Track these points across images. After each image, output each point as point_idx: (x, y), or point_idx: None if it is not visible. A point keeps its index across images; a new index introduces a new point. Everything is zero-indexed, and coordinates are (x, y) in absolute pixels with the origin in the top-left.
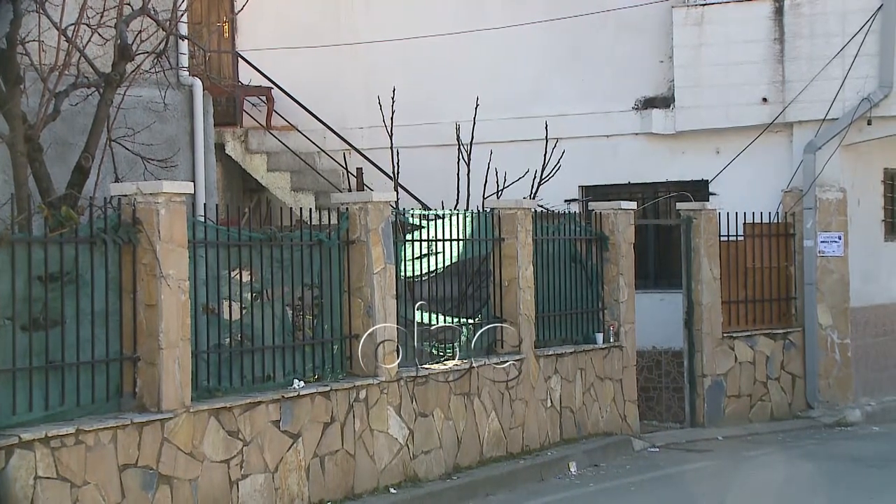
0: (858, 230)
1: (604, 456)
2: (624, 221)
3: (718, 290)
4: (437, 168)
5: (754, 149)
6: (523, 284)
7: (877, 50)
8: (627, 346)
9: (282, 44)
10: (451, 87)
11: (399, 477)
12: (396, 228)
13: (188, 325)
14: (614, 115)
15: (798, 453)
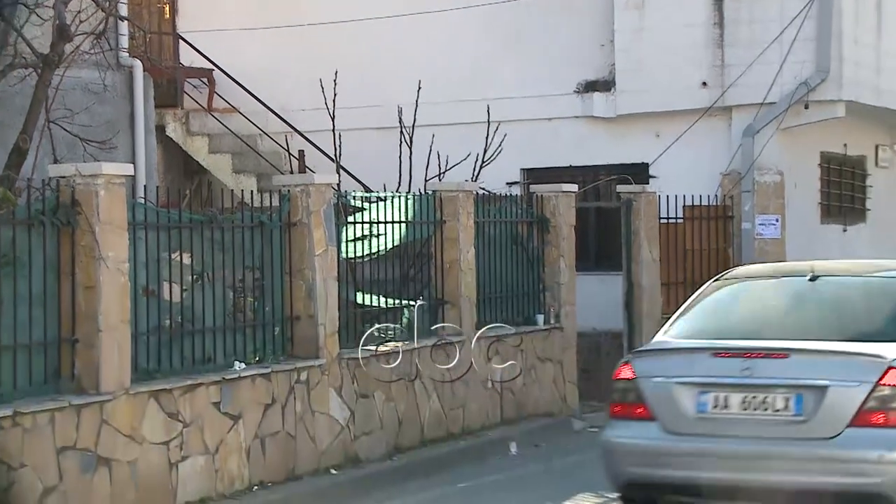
0: (795, 213)
1: (544, 436)
2: (565, 204)
3: (658, 271)
4: (379, 151)
5: (694, 132)
6: (465, 267)
7: (814, 35)
8: (568, 327)
9: (223, 25)
10: (394, 70)
11: (340, 458)
12: (338, 211)
13: (127, 307)
14: (556, 99)
15: None
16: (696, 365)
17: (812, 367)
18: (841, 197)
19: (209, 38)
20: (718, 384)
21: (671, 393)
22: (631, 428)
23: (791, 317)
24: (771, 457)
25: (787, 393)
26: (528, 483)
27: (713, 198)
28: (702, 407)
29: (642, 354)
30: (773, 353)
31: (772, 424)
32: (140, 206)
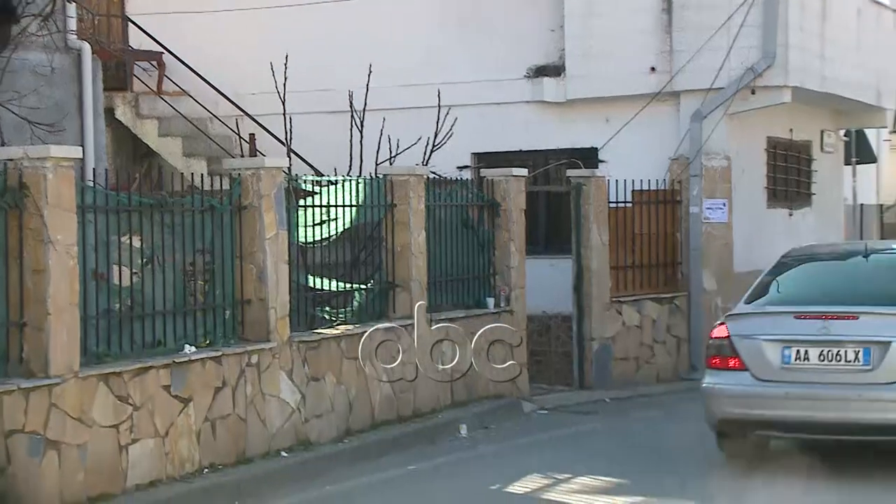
0: (742, 197)
1: (494, 418)
2: (515, 188)
3: (607, 255)
4: (330, 135)
5: (643, 117)
6: (415, 250)
7: (760, 21)
8: (518, 310)
9: (173, 8)
10: (345, 54)
11: (291, 441)
12: (289, 194)
13: (76, 290)
14: (506, 84)
15: (682, 414)
16: (780, 325)
17: (878, 326)
18: (787, 181)
19: (159, 21)
20: (800, 340)
21: (760, 348)
22: (726, 376)
23: (852, 286)
24: (843, 398)
25: (856, 347)
26: (477, 464)
27: (661, 182)
28: (786, 359)
29: (735, 317)
30: (846, 315)
31: (844, 373)
32: (89, 189)
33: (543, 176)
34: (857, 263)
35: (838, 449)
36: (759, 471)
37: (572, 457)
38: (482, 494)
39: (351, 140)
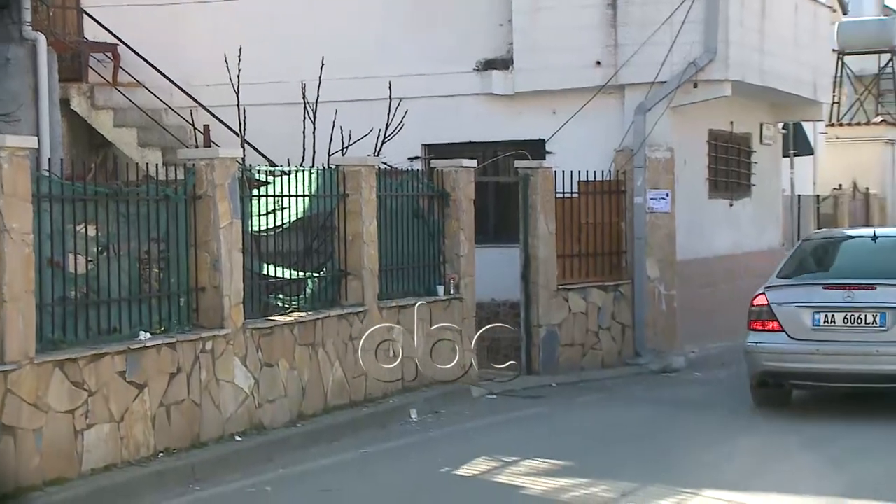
0: (685, 188)
1: (444, 403)
2: (465, 179)
3: (554, 244)
4: (283, 126)
5: (588, 110)
6: (367, 239)
7: (702, 17)
8: (467, 297)
9: (128, 0)
10: (298, 47)
11: (245, 425)
12: (243, 184)
13: (32, 278)
14: (456, 77)
15: (626, 398)
16: (811, 294)
17: (892, 295)
18: (728, 172)
19: (114, 12)
20: (828, 307)
21: (794, 313)
22: (766, 336)
23: (867, 263)
24: (864, 353)
25: (874, 312)
26: (427, 448)
27: (607, 173)
28: (816, 322)
29: (772, 288)
30: (866, 286)
31: (864, 332)
32: (45, 179)
33: (492, 167)
34: (867, 244)
35: (848, 399)
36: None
37: (520, 440)
38: (432, 477)
39: (304, 131)
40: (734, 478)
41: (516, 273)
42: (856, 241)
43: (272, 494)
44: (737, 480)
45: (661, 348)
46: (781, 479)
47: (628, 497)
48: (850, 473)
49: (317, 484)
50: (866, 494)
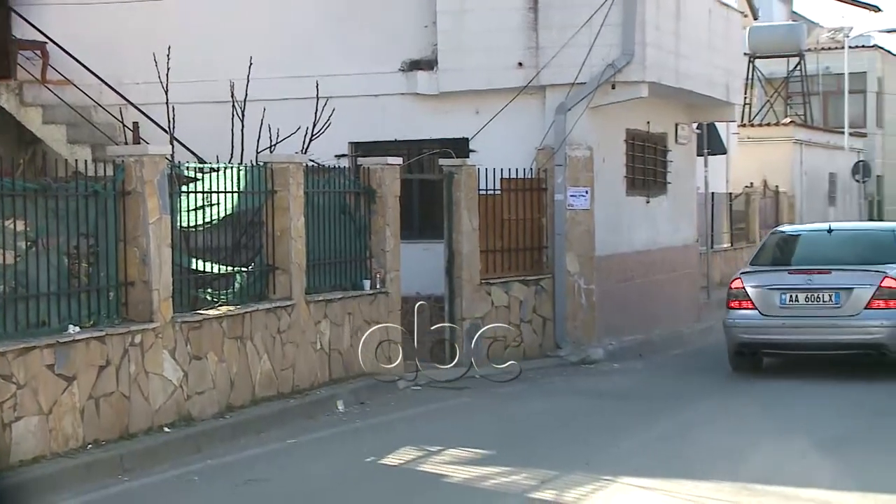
0: (603, 185)
1: (370, 394)
2: (390, 176)
3: (477, 240)
4: (212, 124)
5: (511, 109)
6: (295, 234)
7: (620, 20)
8: (393, 292)
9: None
10: (226, 46)
11: (173, 417)
12: (172, 181)
13: None
14: (382, 77)
15: (547, 389)
16: (778, 278)
17: (844, 278)
18: (644, 171)
19: (42, 10)
20: (792, 288)
21: (765, 293)
22: (741, 314)
23: (823, 252)
24: (821, 326)
25: (830, 292)
26: (353, 438)
27: (528, 171)
28: (783, 301)
29: (747, 273)
30: (823, 271)
31: (821, 309)
32: None
33: (417, 165)
34: (824, 237)
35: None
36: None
37: (444, 430)
38: (357, 466)
39: (232, 129)
40: (651, 464)
41: (441, 268)
42: (814, 234)
43: (199, 484)
44: (653, 467)
45: (580, 340)
46: (695, 466)
47: (548, 484)
48: (766, 456)
49: (244, 474)
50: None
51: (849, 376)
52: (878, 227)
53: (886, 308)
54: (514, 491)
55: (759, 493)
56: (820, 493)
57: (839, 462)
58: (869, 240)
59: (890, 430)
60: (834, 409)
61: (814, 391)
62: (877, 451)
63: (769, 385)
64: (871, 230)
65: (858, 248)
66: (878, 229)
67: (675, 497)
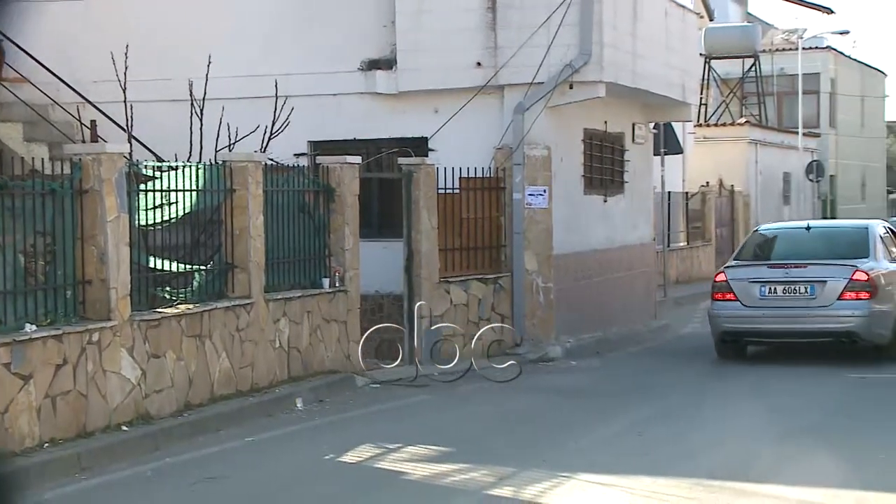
0: (561, 184)
1: (329, 392)
2: (349, 175)
3: (436, 238)
4: (171, 122)
5: (469, 109)
6: (254, 233)
7: (577, 21)
8: (352, 290)
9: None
10: (185, 44)
11: (131, 415)
12: (130, 179)
13: None
14: (341, 76)
15: (506, 386)
16: (758, 272)
17: (819, 272)
18: (602, 170)
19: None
20: (771, 281)
21: (746, 286)
22: (725, 305)
23: (801, 248)
24: (798, 315)
25: (806, 284)
26: (312, 436)
27: (487, 170)
28: (762, 293)
29: (730, 267)
30: (800, 265)
31: (798, 300)
32: None
33: (376, 163)
34: (802, 234)
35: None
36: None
37: (402, 427)
38: (316, 464)
39: (191, 128)
40: (608, 461)
41: (400, 266)
42: (793, 231)
43: (157, 483)
44: (610, 463)
45: (538, 338)
46: (652, 462)
47: (506, 481)
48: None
49: (202, 472)
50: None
51: (811, 368)
52: (853, 225)
53: (857, 299)
54: (472, 488)
55: (715, 489)
56: (775, 489)
57: (796, 457)
58: (843, 236)
59: (851, 424)
60: (793, 405)
61: (774, 385)
62: (835, 445)
63: (728, 381)
64: (845, 227)
65: (833, 244)
66: (852, 227)
67: (631, 493)
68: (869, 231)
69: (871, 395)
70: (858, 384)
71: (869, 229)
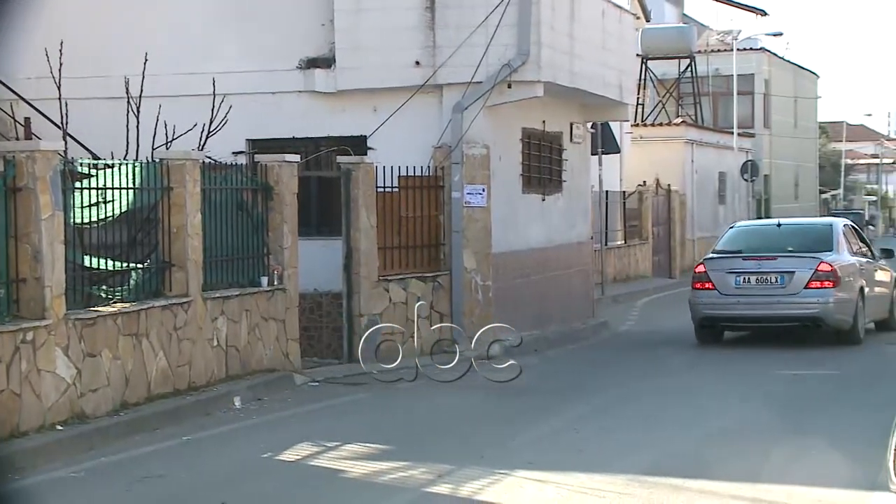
0: (500, 183)
1: (267, 391)
2: (288, 173)
3: (375, 237)
4: (107, 120)
5: (408, 108)
6: (191, 231)
7: (516, 21)
8: (290, 288)
9: None
10: (122, 42)
11: (66, 414)
12: (65, 177)
13: None
14: (279, 74)
15: (445, 384)
16: (734, 263)
17: (788, 263)
18: (540, 169)
19: None
20: (745, 272)
21: (723, 276)
22: (704, 293)
23: (772, 242)
24: (770, 303)
25: (776, 275)
26: (250, 434)
27: (426, 169)
28: (737, 283)
29: (708, 259)
30: (771, 257)
31: (769, 289)
32: None
33: (315, 162)
34: (773, 229)
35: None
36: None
37: (341, 425)
38: (254, 462)
39: (127, 125)
40: (545, 458)
41: (339, 265)
42: (765, 227)
43: (92, 482)
44: (548, 460)
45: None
46: (589, 458)
47: (444, 479)
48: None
49: (139, 471)
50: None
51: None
52: (819, 222)
53: (821, 287)
54: (411, 485)
55: (650, 485)
56: (710, 484)
57: (730, 453)
58: (809, 232)
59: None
60: (728, 403)
61: (709, 384)
62: (768, 441)
63: (665, 379)
64: (811, 224)
65: (800, 238)
66: (818, 223)
67: (568, 489)
68: (833, 227)
69: (803, 392)
70: (791, 381)
71: (833, 226)
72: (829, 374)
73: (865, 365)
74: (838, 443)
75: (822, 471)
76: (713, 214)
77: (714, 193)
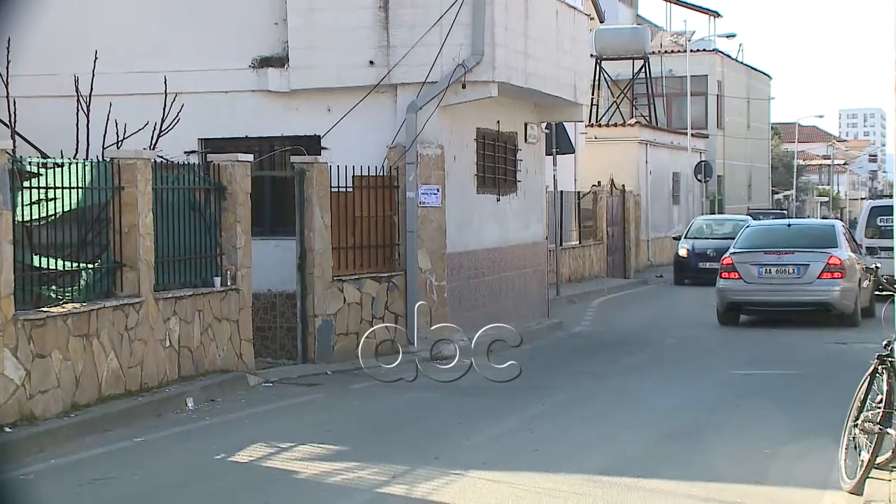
0: (454, 183)
1: (220, 391)
2: (241, 173)
3: (329, 237)
4: (56, 119)
5: (362, 107)
6: (143, 231)
7: (470, 21)
8: (244, 288)
9: None
10: (72, 40)
11: (15, 416)
12: (13, 176)
13: None
14: (232, 73)
15: (400, 384)
16: (756, 256)
17: (803, 257)
18: (495, 169)
19: None
20: (766, 264)
21: (748, 267)
22: (731, 282)
23: (785, 239)
24: (788, 290)
25: (794, 266)
26: (203, 435)
27: (380, 169)
28: (760, 273)
29: (735, 253)
30: (788, 252)
31: (787, 278)
32: None
33: (269, 161)
34: (785, 228)
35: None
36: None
37: (295, 426)
38: (207, 463)
39: (77, 124)
40: (500, 458)
41: (293, 265)
42: (778, 226)
43: (42, 484)
44: (502, 460)
45: (432, 336)
46: (544, 459)
47: (398, 479)
48: (615, 448)
49: (89, 473)
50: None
51: (697, 367)
52: (822, 223)
53: (832, 278)
54: (365, 486)
55: (604, 485)
56: (664, 484)
57: (684, 452)
58: (817, 231)
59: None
60: (681, 403)
61: (663, 385)
62: (722, 440)
63: (620, 378)
64: (817, 225)
65: (810, 236)
66: (821, 224)
67: (523, 490)
68: (835, 227)
69: (756, 391)
70: (743, 380)
71: (835, 227)
72: (782, 374)
73: (821, 364)
74: (791, 441)
75: (775, 469)
76: (667, 215)
77: (668, 194)
